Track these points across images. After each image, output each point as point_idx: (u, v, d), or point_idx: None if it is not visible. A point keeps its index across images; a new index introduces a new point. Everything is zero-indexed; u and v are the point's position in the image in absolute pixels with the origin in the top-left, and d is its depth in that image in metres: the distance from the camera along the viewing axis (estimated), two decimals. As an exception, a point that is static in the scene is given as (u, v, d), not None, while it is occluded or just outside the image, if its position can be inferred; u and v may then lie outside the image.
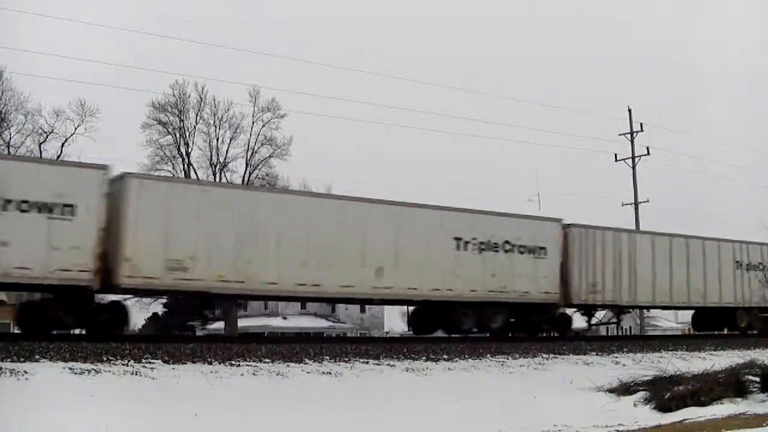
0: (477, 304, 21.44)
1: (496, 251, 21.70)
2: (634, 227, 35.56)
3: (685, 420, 12.82)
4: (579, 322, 26.10)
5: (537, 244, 22.48)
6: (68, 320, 16.31)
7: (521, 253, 22.18)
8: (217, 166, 41.36)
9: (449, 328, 21.90)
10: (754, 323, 29.08)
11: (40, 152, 37.10)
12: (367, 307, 51.43)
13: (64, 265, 15.33)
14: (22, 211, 15.02)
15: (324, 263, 18.70)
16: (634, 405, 14.53)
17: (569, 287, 23.33)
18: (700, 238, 27.69)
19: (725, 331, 29.33)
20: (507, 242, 21.89)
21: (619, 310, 27.04)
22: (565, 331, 24.62)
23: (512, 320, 22.83)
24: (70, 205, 15.48)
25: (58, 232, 15.31)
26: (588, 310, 25.39)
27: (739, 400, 14.05)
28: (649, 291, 25.43)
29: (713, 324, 29.72)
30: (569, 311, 24.87)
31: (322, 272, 18.70)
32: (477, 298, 21.24)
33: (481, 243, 21.37)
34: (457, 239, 20.97)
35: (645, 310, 38.09)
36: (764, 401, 13.83)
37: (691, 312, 31.01)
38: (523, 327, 23.16)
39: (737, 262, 28.28)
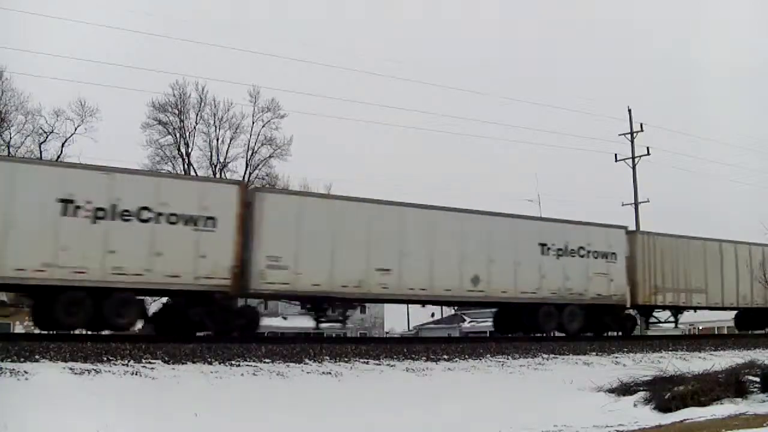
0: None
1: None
2: (634, 227, 35.37)
3: (685, 420, 12.81)
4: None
5: (202, 213, 17.18)
6: None
7: (172, 224, 16.84)
8: (217, 166, 41.39)
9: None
10: (568, 325, 22.67)
11: (40, 152, 37.13)
12: (367, 307, 51.34)
13: None
14: None
15: None
16: (634, 405, 14.52)
17: (247, 271, 17.70)
18: (489, 214, 21.66)
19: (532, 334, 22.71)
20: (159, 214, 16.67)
21: (344, 305, 20.70)
22: (253, 330, 18.99)
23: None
24: None
25: None
26: (314, 304, 19.95)
27: (739, 400, 14.04)
28: (393, 279, 19.57)
29: (517, 325, 23.05)
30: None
31: None
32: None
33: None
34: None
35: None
36: (764, 401, 13.82)
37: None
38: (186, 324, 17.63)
39: (543, 246, 22.32)
